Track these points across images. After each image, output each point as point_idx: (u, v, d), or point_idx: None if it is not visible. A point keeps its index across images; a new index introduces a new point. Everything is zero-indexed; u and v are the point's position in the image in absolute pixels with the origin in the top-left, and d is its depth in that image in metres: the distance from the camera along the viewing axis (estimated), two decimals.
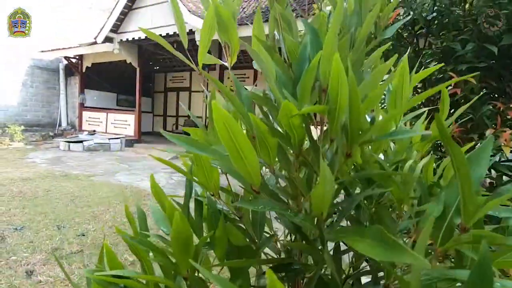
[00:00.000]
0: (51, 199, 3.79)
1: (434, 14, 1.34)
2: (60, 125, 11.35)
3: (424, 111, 0.66)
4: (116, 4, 8.17)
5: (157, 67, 13.47)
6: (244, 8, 8.57)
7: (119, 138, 9.14)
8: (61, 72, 11.16)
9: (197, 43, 6.92)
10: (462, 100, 1.31)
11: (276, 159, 0.54)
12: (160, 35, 6.95)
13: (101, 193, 4.19)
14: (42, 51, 10.23)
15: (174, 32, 7.41)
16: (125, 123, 9.81)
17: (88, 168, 5.99)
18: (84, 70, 10.48)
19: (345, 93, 0.42)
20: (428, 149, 0.68)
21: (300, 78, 0.51)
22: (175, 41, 8.54)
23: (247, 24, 6.15)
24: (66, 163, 6.47)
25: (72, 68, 10.81)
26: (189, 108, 13.02)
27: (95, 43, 8.91)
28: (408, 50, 1.01)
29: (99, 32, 8.51)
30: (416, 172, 0.54)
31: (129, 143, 9.25)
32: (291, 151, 0.54)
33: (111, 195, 4.10)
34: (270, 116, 0.67)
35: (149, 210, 3.47)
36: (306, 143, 0.55)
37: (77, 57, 10.40)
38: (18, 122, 10.06)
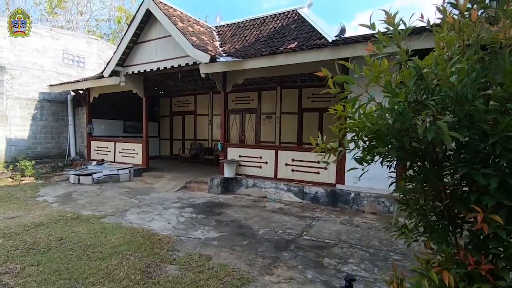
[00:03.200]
0: (65, 250, 3.80)
1: None
2: (69, 155, 11.52)
3: None
4: (122, 39, 8.40)
5: (162, 92, 13.70)
6: (246, 36, 8.73)
7: (127, 168, 9.21)
8: (69, 104, 11.41)
9: (202, 75, 7.07)
10: None
11: None
12: (165, 67, 7.14)
13: (113, 239, 4.19)
14: (51, 85, 10.51)
15: (179, 65, 7.56)
16: (132, 152, 9.91)
17: (98, 207, 6.02)
18: (91, 101, 10.70)
19: None
20: None
21: None
22: (179, 71, 8.72)
23: (261, 55, 6.23)
24: (76, 201, 6.52)
25: (80, 99, 11.05)
26: (195, 131, 13.13)
27: (102, 76, 9.12)
28: None
29: (106, 67, 8.72)
30: None
31: (138, 172, 9.31)
32: None
33: (123, 242, 4.09)
34: None
35: (162, 261, 3.47)
36: None
37: (84, 89, 10.63)
38: (28, 155, 10.24)
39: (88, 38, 12.92)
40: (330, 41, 6.20)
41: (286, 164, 6.96)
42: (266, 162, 7.24)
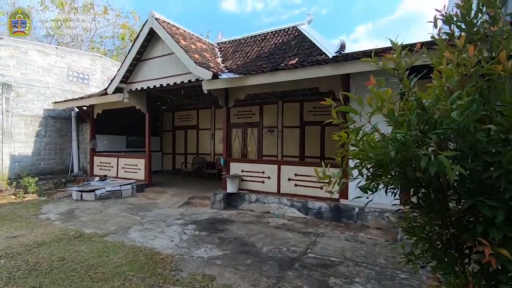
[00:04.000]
0: (67, 271, 3.76)
1: None
2: (72, 171, 11.55)
3: None
4: (126, 57, 8.58)
5: (165, 107, 13.84)
6: (247, 52, 8.89)
7: (130, 183, 9.20)
8: (73, 120, 11.54)
9: (205, 91, 7.15)
10: None
11: None
12: (168, 84, 7.25)
13: (116, 259, 4.15)
14: (56, 102, 10.67)
15: (182, 82, 7.67)
16: (135, 167, 9.94)
17: (101, 224, 5.99)
18: (95, 117, 10.83)
19: None
20: None
21: None
22: (181, 88, 8.84)
23: (263, 71, 6.33)
24: (79, 218, 6.50)
25: (83, 115, 11.18)
26: (197, 146, 13.17)
27: (105, 93, 9.26)
28: None
29: (110, 84, 8.87)
30: None
31: (140, 187, 9.31)
32: None
33: (125, 262, 4.05)
34: None
35: (165, 282, 3.42)
36: None
37: (88, 105, 10.77)
38: (32, 171, 10.28)
39: (93, 55, 13.19)
40: (330, 57, 6.30)
41: (289, 179, 6.93)
42: (269, 177, 7.23)
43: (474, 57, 1.04)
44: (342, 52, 6.36)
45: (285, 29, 9.30)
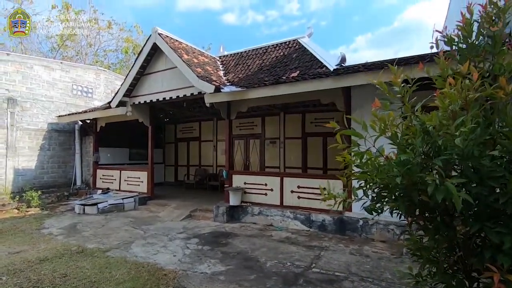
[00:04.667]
0: None
1: None
2: (75, 184, 11.56)
3: None
4: (129, 72, 8.71)
5: (167, 119, 13.93)
6: (249, 65, 9.00)
7: (132, 196, 9.19)
8: (77, 133, 11.63)
9: (207, 104, 7.21)
10: None
11: None
12: (171, 97, 7.31)
13: (118, 275, 4.11)
14: (60, 116, 10.78)
15: (184, 95, 7.76)
16: (138, 180, 9.94)
17: (103, 239, 5.96)
18: (98, 130, 10.91)
19: None
20: None
21: None
22: (184, 101, 8.93)
23: (265, 85, 6.39)
24: (81, 232, 6.47)
25: (87, 128, 11.28)
26: (200, 157, 13.20)
27: (109, 107, 9.36)
28: None
29: (113, 98, 8.98)
30: None
31: (143, 200, 9.28)
32: None
33: (127, 278, 4.01)
34: None
35: None
36: None
37: (92, 119, 10.87)
38: (35, 185, 10.30)
39: (97, 69, 13.40)
40: (331, 69, 6.37)
41: (292, 191, 6.90)
42: (271, 189, 7.20)
43: (477, 81, 1.06)
44: (343, 65, 6.43)
45: (286, 42, 9.44)
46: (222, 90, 6.82)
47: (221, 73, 9.12)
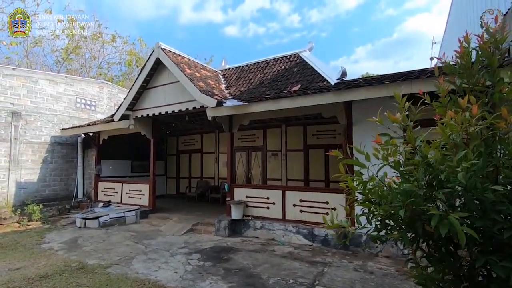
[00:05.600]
0: None
1: None
2: (76, 197, 11.54)
3: None
4: (132, 86, 8.82)
5: (169, 131, 14.00)
6: (251, 79, 9.10)
7: (134, 210, 9.15)
8: (79, 146, 11.69)
9: (209, 118, 7.26)
10: None
11: None
12: (173, 111, 7.36)
13: None
14: (63, 129, 10.87)
15: (187, 109, 7.82)
16: (139, 193, 9.91)
17: (104, 254, 5.90)
18: (101, 143, 10.96)
19: None
20: None
21: None
22: (186, 114, 8.99)
23: (266, 99, 6.44)
24: (82, 247, 6.42)
25: (89, 141, 11.34)
26: (201, 169, 13.19)
27: (112, 120, 9.44)
28: None
29: (116, 111, 9.06)
30: None
31: (144, 213, 9.23)
32: None
33: None
34: None
35: None
36: None
37: (94, 131, 10.95)
38: (36, 198, 10.30)
39: (100, 82, 13.58)
40: (332, 83, 6.43)
41: (294, 205, 6.86)
42: (273, 203, 7.16)
43: (478, 113, 1.07)
44: (344, 79, 6.50)
45: (287, 56, 9.56)
46: (224, 104, 6.88)
47: (223, 86, 9.22)
